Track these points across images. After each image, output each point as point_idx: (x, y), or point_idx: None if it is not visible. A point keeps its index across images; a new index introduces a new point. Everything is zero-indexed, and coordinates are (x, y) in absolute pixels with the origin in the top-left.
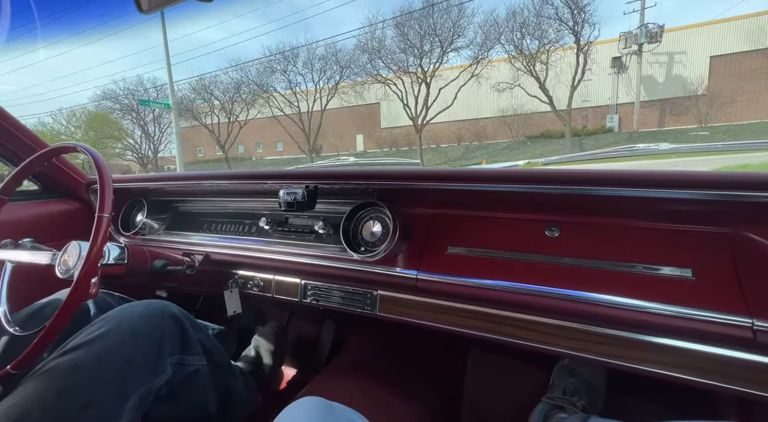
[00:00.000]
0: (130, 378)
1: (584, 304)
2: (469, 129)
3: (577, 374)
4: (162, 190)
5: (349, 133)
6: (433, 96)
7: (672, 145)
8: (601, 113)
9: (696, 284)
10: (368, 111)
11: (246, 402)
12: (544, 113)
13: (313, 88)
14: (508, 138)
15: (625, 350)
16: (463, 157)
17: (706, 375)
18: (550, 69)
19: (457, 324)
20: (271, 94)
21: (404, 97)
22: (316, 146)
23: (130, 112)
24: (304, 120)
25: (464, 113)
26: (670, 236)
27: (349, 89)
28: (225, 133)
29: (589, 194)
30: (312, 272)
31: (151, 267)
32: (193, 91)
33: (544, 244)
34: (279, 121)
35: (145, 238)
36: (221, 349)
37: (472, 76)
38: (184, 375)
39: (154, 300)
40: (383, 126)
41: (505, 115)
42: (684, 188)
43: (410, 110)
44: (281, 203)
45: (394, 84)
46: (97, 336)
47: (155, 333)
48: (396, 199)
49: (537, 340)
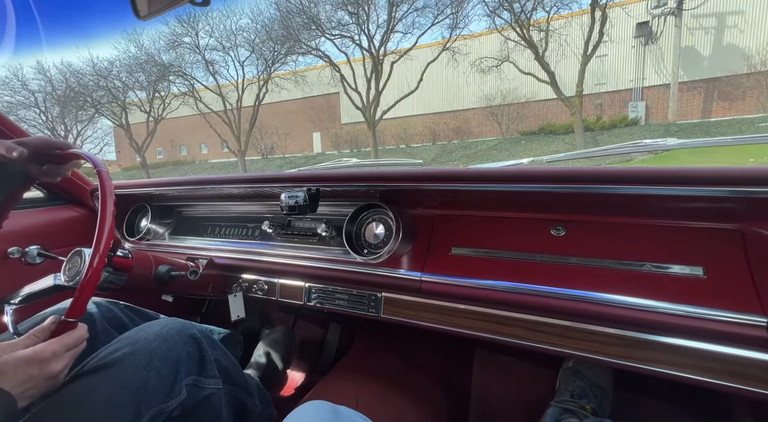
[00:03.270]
0: (145, 401)
1: (591, 304)
2: (446, 124)
3: (583, 376)
4: (165, 195)
5: (303, 130)
6: (397, 78)
7: (680, 140)
8: (620, 100)
9: (707, 283)
10: (326, 103)
11: (261, 419)
12: (544, 102)
13: (239, 77)
14: (496, 135)
15: (634, 350)
16: (436, 160)
17: (719, 376)
18: (551, 38)
19: (462, 325)
20: (185, 77)
21: (353, 80)
22: (266, 146)
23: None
24: (234, 115)
25: (441, 104)
26: (679, 233)
27: (297, 76)
28: (165, 132)
29: (596, 193)
30: (316, 275)
31: (155, 273)
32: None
33: (549, 244)
34: (204, 116)
35: (149, 243)
36: (237, 366)
37: (444, 50)
38: (199, 397)
39: (173, 320)
40: (344, 122)
41: (492, 104)
42: (693, 185)
43: (360, 97)
44: (283, 207)
45: (329, 60)
46: (112, 360)
47: (171, 356)
48: (398, 200)
49: (543, 341)
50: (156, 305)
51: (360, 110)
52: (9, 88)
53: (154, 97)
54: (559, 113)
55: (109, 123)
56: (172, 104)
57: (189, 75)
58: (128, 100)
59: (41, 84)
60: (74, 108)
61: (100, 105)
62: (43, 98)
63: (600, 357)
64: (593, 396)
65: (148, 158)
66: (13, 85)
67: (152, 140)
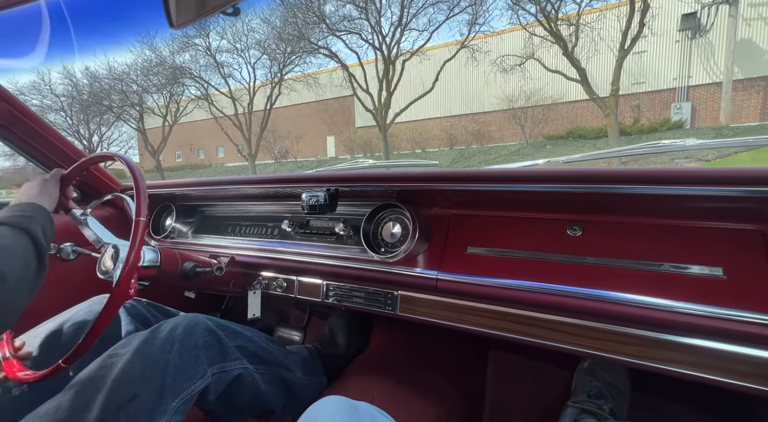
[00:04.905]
0: (167, 378)
1: (609, 304)
2: (465, 127)
3: (600, 376)
4: (189, 195)
5: (316, 134)
6: (411, 79)
7: (699, 140)
8: (661, 101)
9: (728, 283)
10: (340, 106)
11: (308, 388)
12: (573, 103)
13: (251, 79)
14: (518, 139)
15: (652, 350)
16: (453, 165)
17: (739, 377)
18: (581, 32)
19: (478, 323)
20: (197, 80)
21: (364, 82)
22: (281, 149)
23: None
24: (245, 119)
25: (459, 106)
26: (698, 234)
27: (310, 79)
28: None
29: (613, 193)
30: (333, 273)
31: (181, 269)
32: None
33: (565, 244)
34: (217, 120)
35: (174, 241)
36: (268, 350)
37: (462, 48)
38: (228, 380)
39: (192, 314)
40: (358, 125)
41: (515, 106)
42: (713, 185)
43: (372, 99)
44: (304, 206)
45: (337, 59)
46: (141, 343)
47: (190, 342)
48: (415, 200)
49: (560, 340)
50: (178, 303)
51: (371, 112)
52: (39, 93)
53: (169, 101)
54: (589, 116)
55: (131, 126)
56: (187, 108)
57: (202, 78)
58: (145, 105)
59: (67, 88)
60: (98, 112)
61: (119, 109)
62: (69, 103)
63: (617, 357)
64: (610, 396)
65: (168, 162)
66: (42, 90)
67: (169, 143)
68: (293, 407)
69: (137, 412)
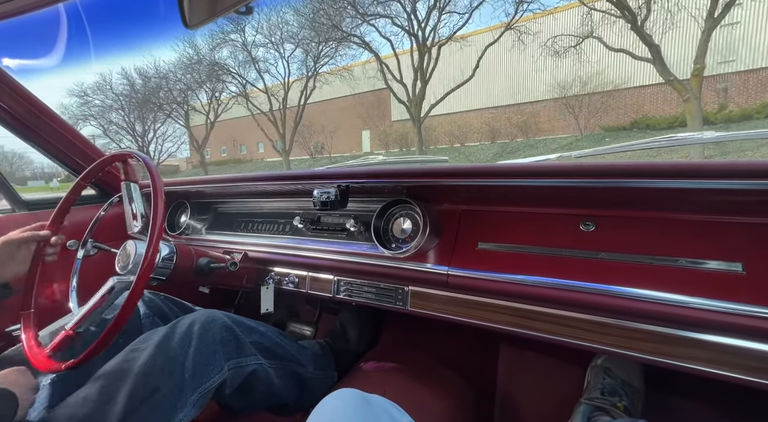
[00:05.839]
0: (187, 372)
1: (623, 299)
2: (509, 119)
3: (613, 374)
4: (203, 192)
5: (351, 128)
6: (449, 67)
7: (717, 133)
8: (758, 82)
9: (747, 279)
10: (376, 99)
11: (320, 382)
12: (640, 88)
13: (285, 73)
14: (571, 131)
15: (668, 347)
16: (494, 161)
17: (758, 374)
18: (655, 4)
19: (489, 319)
20: (232, 75)
21: (398, 72)
22: (317, 145)
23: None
24: (281, 114)
25: (503, 96)
26: (715, 228)
27: (344, 72)
28: (222, 132)
29: (627, 187)
30: (344, 268)
31: (196, 265)
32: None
33: (578, 239)
34: (254, 117)
35: (188, 238)
36: (282, 345)
37: (507, 29)
38: (244, 374)
39: (210, 310)
40: (394, 119)
41: (567, 94)
42: (732, 178)
43: (405, 89)
44: (315, 203)
45: (368, 46)
46: (163, 338)
47: (208, 338)
48: (425, 196)
49: (573, 336)
50: (192, 298)
51: (404, 104)
52: (102, 93)
53: (211, 98)
54: (660, 102)
55: (179, 123)
56: (228, 105)
57: (239, 75)
58: (189, 103)
59: (126, 88)
60: (152, 109)
61: (169, 106)
62: (127, 102)
63: (631, 353)
64: (625, 394)
65: (214, 157)
66: (104, 90)
67: (215, 139)
68: (305, 401)
69: (159, 405)
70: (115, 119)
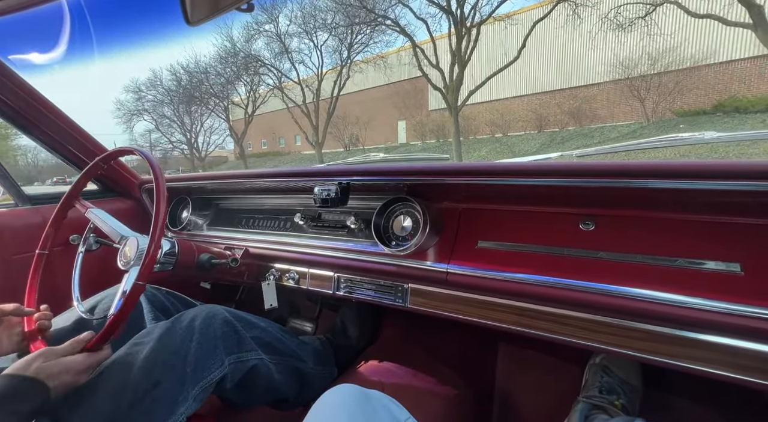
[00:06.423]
0: (189, 367)
1: (621, 299)
2: (560, 105)
3: (611, 372)
4: (205, 188)
5: (386, 118)
6: (491, 48)
7: (718, 133)
8: None
9: (745, 279)
10: (413, 87)
11: (320, 378)
12: (726, 64)
13: (319, 63)
14: (636, 117)
15: (666, 346)
16: (541, 152)
17: (756, 374)
18: None
19: (487, 317)
20: (267, 68)
21: (434, 56)
22: (352, 137)
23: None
24: (315, 106)
25: (553, 79)
26: (714, 228)
27: (379, 61)
28: (266, 126)
29: (626, 187)
30: (345, 265)
31: (197, 260)
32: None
33: (578, 238)
34: (289, 110)
35: (190, 233)
36: (282, 340)
37: (560, 2)
38: (244, 369)
39: (211, 305)
40: (432, 108)
41: (632, 75)
42: (730, 179)
43: (442, 75)
44: (316, 200)
45: (400, 28)
46: (165, 331)
47: (210, 333)
48: (426, 194)
49: (571, 335)
50: (193, 293)
51: (439, 90)
52: (153, 88)
53: (249, 92)
54: (755, 79)
55: (231, 117)
56: (265, 97)
57: (275, 67)
58: (230, 97)
59: (175, 83)
60: (197, 104)
61: (214, 101)
62: (176, 96)
63: (629, 352)
64: (622, 392)
65: (255, 149)
66: (155, 85)
67: (256, 131)
68: (305, 396)
69: (162, 398)
70: (166, 113)
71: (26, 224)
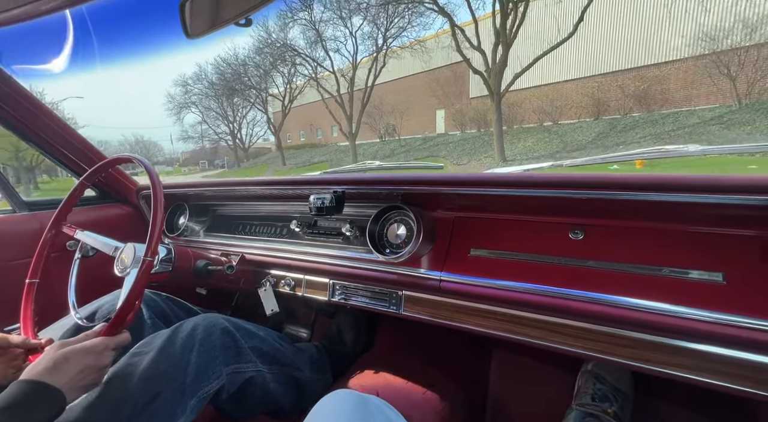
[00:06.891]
0: (188, 378)
1: (609, 307)
2: (622, 88)
3: (604, 379)
4: (202, 195)
5: (424, 108)
6: (541, 25)
7: (701, 146)
8: None
9: (728, 289)
10: (453, 74)
11: (316, 385)
12: None
13: (353, 50)
14: (722, 100)
15: (653, 353)
16: (596, 143)
17: (740, 381)
18: None
19: (480, 324)
20: (302, 57)
21: (475, 37)
22: (388, 127)
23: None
24: (349, 96)
25: (614, 59)
26: (698, 239)
27: (416, 46)
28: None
29: (613, 199)
30: (340, 272)
31: (194, 267)
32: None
33: (567, 247)
34: (324, 101)
35: (187, 240)
36: (280, 350)
37: None
38: (241, 381)
39: (212, 315)
40: (473, 95)
41: (718, 49)
42: (713, 193)
43: (484, 57)
44: (311, 208)
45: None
46: (164, 341)
47: (209, 343)
48: (420, 202)
49: (561, 342)
50: (190, 298)
51: (480, 74)
52: (199, 81)
53: (286, 84)
54: None
55: (271, 109)
56: (302, 89)
57: (309, 56)
58: (268, 89)
59: (218, 76)
60: (239, 97)
61: (256, 93)
62: (221, 89)
63: (618, 359)
64: (614, 399)
65: (294, 140)
66: (201, 79)
67: (295, 123)
68: (301, 403)
69: (161, 409)
70: (212, 106)
71: (24, 230)
